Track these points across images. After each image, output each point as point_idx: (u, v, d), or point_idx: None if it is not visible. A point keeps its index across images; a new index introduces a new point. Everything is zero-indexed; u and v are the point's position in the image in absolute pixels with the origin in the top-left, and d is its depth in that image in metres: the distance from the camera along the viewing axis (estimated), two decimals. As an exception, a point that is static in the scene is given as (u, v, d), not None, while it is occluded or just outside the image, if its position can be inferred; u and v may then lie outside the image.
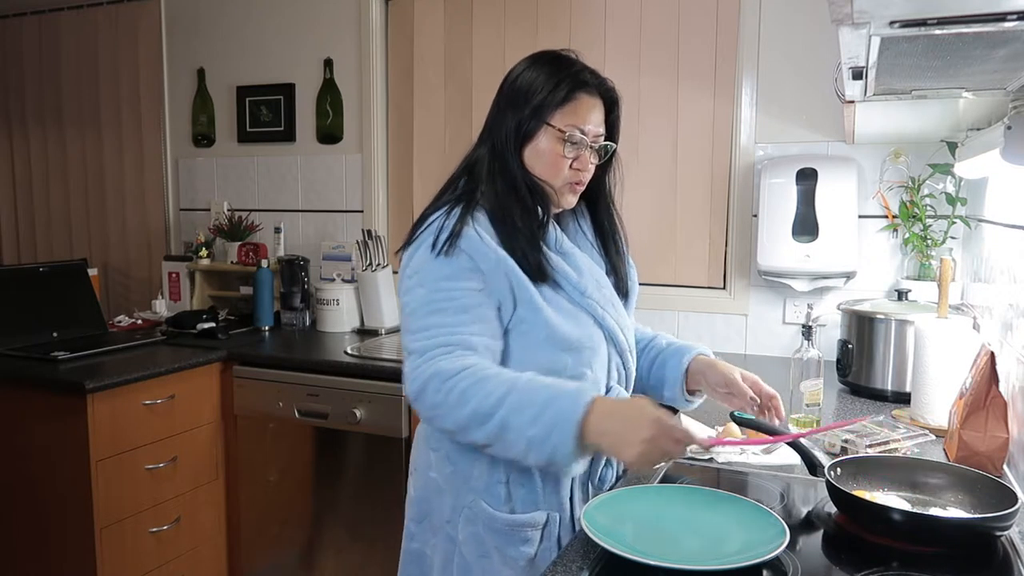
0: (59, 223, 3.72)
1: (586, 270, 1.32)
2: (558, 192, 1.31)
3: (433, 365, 1.16)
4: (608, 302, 1.33)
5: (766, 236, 2.37)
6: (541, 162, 1.29)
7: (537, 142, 1.28)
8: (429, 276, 1.22)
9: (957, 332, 1.66)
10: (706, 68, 2.59)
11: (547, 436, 1.08)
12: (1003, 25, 0.76)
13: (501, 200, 1.27)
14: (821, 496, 1.27)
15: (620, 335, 1.34)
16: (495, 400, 1.11)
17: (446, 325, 1.19)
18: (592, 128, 1.29)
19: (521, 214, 1.26)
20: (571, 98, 1.28)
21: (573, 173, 1.30)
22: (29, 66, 3.69)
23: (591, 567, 1.04)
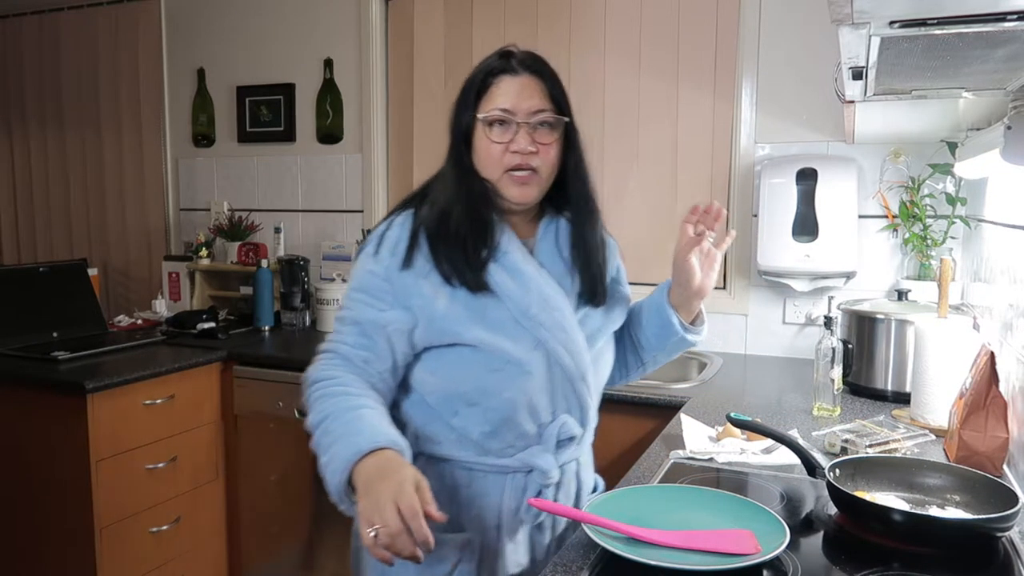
0: (59, 223, 3.72)
1: (535, 289, 1.21)
2: (501, 187, 1.23)
3: (311, 368, 1.19)
4: (557, 325, 1.21)
5: (766, 236, 2.37)
6: (479, 159, 1.24)
7: (474, 141, 1.24)
8: (351, 283, 1.25)
9: (957, 332, 1.66)
10: (706, 68, 2.59)
11: (328, 468, 1.09)
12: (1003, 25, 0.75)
13: (443, 208, 1.22)
14: (821, 496, 1.27)
15: (568, 360, 1.21)
16: (319, 419, 1.13)
17: (339, 333, 1.21)
18: (521, 105, 1.21)
19: (463, 222, 1.20)
20: (489, 83, 1.23)
21: (511, 157, 1.21)
22: (29, 66, 3.69)
23: (591, 567, 1.04)
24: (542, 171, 1.23)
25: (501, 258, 1.22)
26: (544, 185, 1.26)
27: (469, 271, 1.19)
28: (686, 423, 1.67)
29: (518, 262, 1.22)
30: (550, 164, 1.25)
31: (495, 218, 1.24)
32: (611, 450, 2.12)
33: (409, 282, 1.19)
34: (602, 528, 1.05)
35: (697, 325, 1.38)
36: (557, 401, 1.22)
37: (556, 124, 1.24)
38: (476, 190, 1.23)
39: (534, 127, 1.22)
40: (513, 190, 1.23)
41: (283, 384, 2.48)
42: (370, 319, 1.19)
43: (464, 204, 1.21)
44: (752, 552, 0.99)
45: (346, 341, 1.20)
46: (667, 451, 1.54)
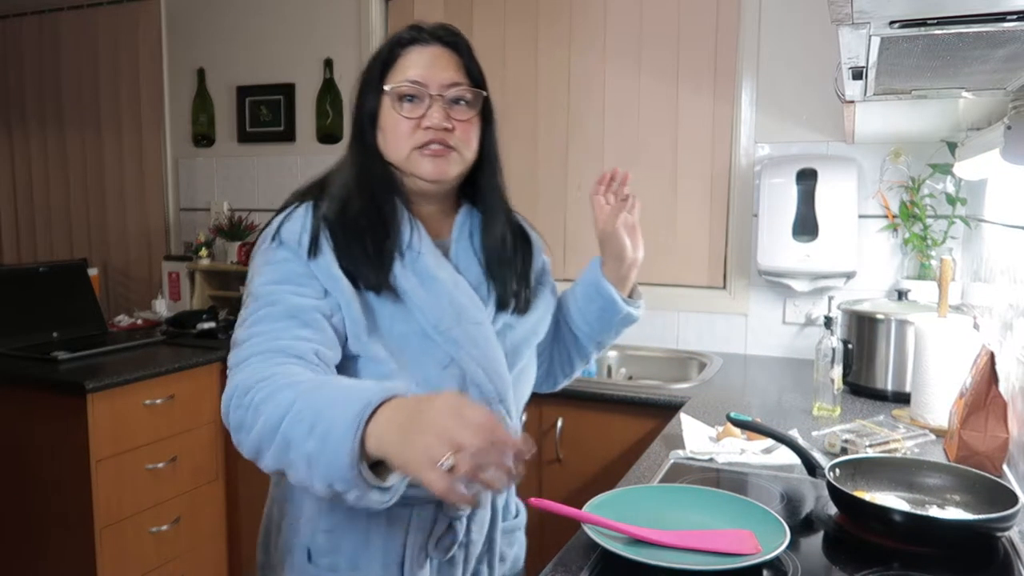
0: (59, 223, 3.72)
1: (448, 298, 1.07)
2: (410, 165, 1.08)
3: (237, 377, 0.93)
4: (472, 341, 1.06)
5: (766, 236, 2.37)
6: (386, 138, 1.10)
7: (381, 120, 1.10)
8: (259, 281, 1.03)
9: (957, 332, 1.66)
10: (706, 68, 2.59)
11: (322, 449, 0.80)
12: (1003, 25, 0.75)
13: (342, 196, 1.07)
14: (821, 496, 1.27)
15: (484, 380, 1.07)
16: (281, 412, 0.86)
17: (268, 332, 0.97)
18: (434, 76, 1.07)
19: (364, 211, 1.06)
20: (397, 55, 1.10)
21: (423, 134, 1.07)
22: (29, 66, 3.69)
23: (591, 567, 1.04)
24: (460, 150, 1.10)
25: (411, 260, 1.07)
26: (463, 166, 1.12)
27: (372, 270, 1.04)
28: (686, 423, 1.67)
29: (430, 266, 1.08)
30: (469, 144, 1.11)
31: (403, 211, 1.10)
32: (611, 450, 2.13)
33: (323, 272, 1.02)
34: (602, 528, 1.05)
35: (635, 299, 1.30)
36: None
37: (474, 100, 1.11)
38: (379, 174, 1.09)
39: (449, 102, 1.08)
40: (426, 165, 1.08)
41: (283, 384, 2.47)
42: (306, 306, 1.00)
43: (366, 191, 1.08)
44: (752, 552, 0.99)
45: (281, 336, 0.96)
46: (667, 451, 1.54)
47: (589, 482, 2.14)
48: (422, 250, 1.09)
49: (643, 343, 2.66)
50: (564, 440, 2.17)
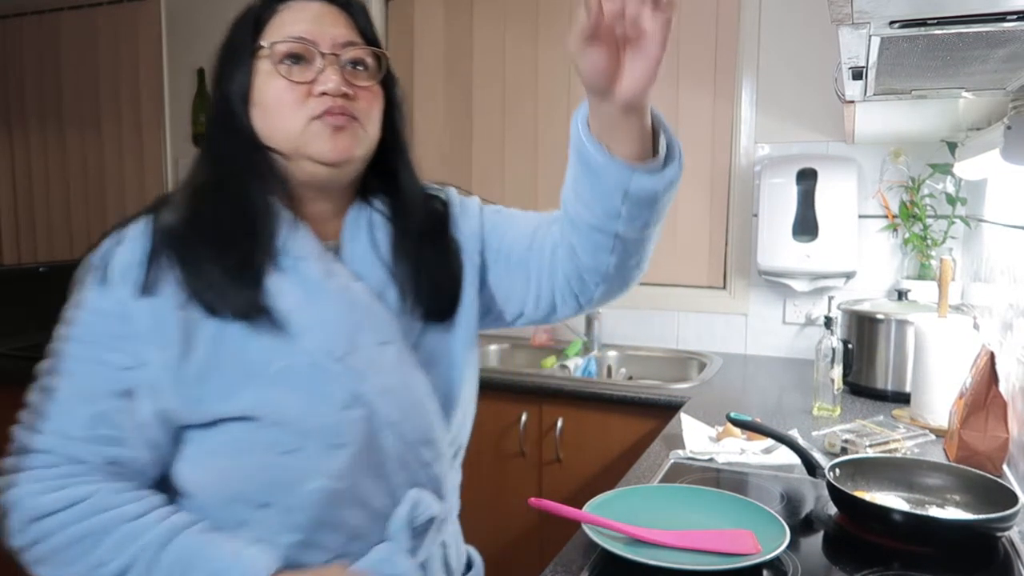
0: (59, 223, 3.72)
1: (339, 312, 0.85)
2: (305, 142, 0.85)
3: (20, 489, 0.79)
4: (376, 368, 0.84)
5: (766, 236, 2.37)
6: (268, 114, 0.86)
7: (256, 93, 0.86)
8: (65, 329, 0.84)
9: (957, 332, 1.66)
10: (706, 68, 2.59)
11: None
12: (1003, 25, 0.76)
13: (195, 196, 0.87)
14: (821, 496, 1.27)
15: (400, 417, 0.86)
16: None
17: (54, 418, 0.81)
18: (324, 33, 0.86)
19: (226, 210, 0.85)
20: (273, 11, 0.88)
21: (319, 101, 0.84)
22: (29, 66, 3.68)
23: (591, 567, 1.04)
24: (364, 124, 0.88)
25: (291, 270, 0.84)
26: (368, 145, 0.89)
27: (234, 291, 0.80)
28: (686, 423, 1.67)
29: (316, 275, 0.85)
30: (372, 117, 0.89)
31: (279, 208, 0.87)
32: (611, 450, 2.13)
33: (152, 319, 0.80)
34: (602, 528, 1.05)
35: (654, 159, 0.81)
36: (394, 476, 0.87)
37: (375, 67, 0.90)
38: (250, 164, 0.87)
39: (345, 66, 0.87)
40: (326, 142, 0.84)
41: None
42: (106, 390, 0.80)
43: (229, 187, 0.86)
44: (752, 552, 0.99)
45: (73, 433, 0.80)
46: (667, 451, 1.54)
47: (589, 482, 2.13)
48: (304, 255, 0.85)
49: (643, 343, 2.66)
50: (564, 440, 2.17)
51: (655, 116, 0.81)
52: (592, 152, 0.81)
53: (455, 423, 0.94)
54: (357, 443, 0.83)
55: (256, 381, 0.81)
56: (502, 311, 1.01)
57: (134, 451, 0.82)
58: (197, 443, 0.84)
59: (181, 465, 0.85)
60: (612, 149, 0.80)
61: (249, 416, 0.81)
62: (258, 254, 0.83)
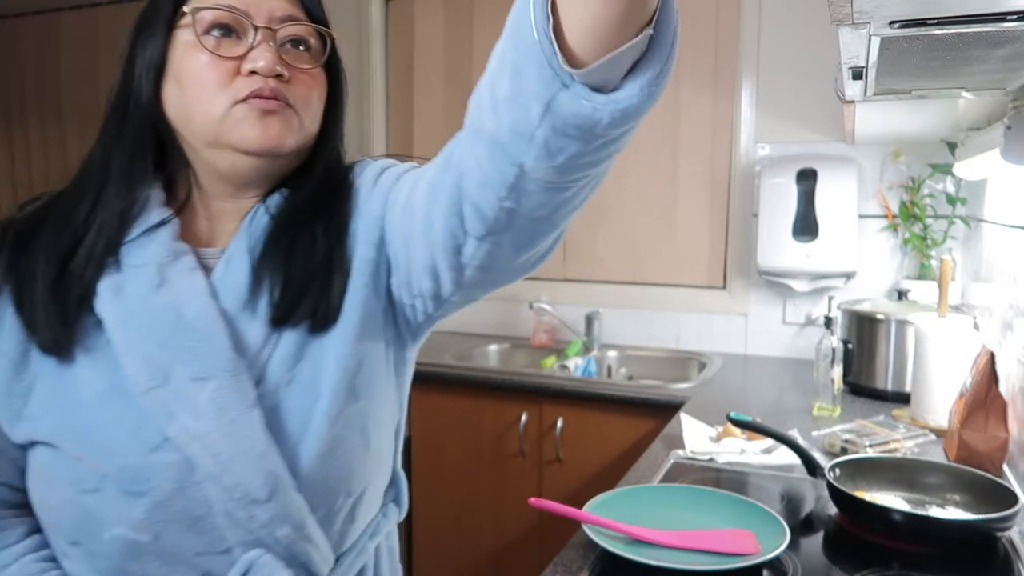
0: (59, 223, 3.72)
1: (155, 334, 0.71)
2: (227, 128, 0.72)
3: None
4: (187, 405, 0.69)
5: (766, 236, 2.37)
6: (184, 89, 0.73)
7: (171, 64, 0.74)
8: None
9: (957, 332, 1.66)
10: (706, 68, 2.59)
11: None
12: (1003, 25, 0.76)
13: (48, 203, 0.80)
14: (821, 496, 1.27)
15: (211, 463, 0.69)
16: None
17: None
18: (260, 4, 0.74)
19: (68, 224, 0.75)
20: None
21: (247, 81, 0.72)
22: (29, 66, 3.69)
23: (591, 567, 1.04)
24: (301, 112, 0.75)
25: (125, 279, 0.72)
26: (302, 137, 0.77)
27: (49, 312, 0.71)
28: (686, 423, 1.67)
29: (142, 289, 0.72)
30: (310, 106, 0.77)
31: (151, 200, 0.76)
32: (611, 450, 2.13)
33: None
34: (602, 528, 1.05)
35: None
36: (225, 532, 0.71)
37: (318, 48, 0.79)
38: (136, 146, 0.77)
39: (283, 44, 0.75)
40: (251, 128, 0.72)
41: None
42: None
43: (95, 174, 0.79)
44: (752, 552, 0.99)
45: None
46: (667, 451, 1.54)
47: (589, 482, 2.14)
48: (144, 263, 0.73)
49: (643, 343, 2.66)
50: (564, 440, 2.17)
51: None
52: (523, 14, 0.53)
53: (331, 470, 0.74)
54: (163, 492, 0.69)
55: (64, 404, 0.71)
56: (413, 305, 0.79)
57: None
58: (28, 463, 0.75)
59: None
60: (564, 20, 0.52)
61: (50, 443, 0.71)
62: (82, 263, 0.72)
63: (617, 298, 2.70)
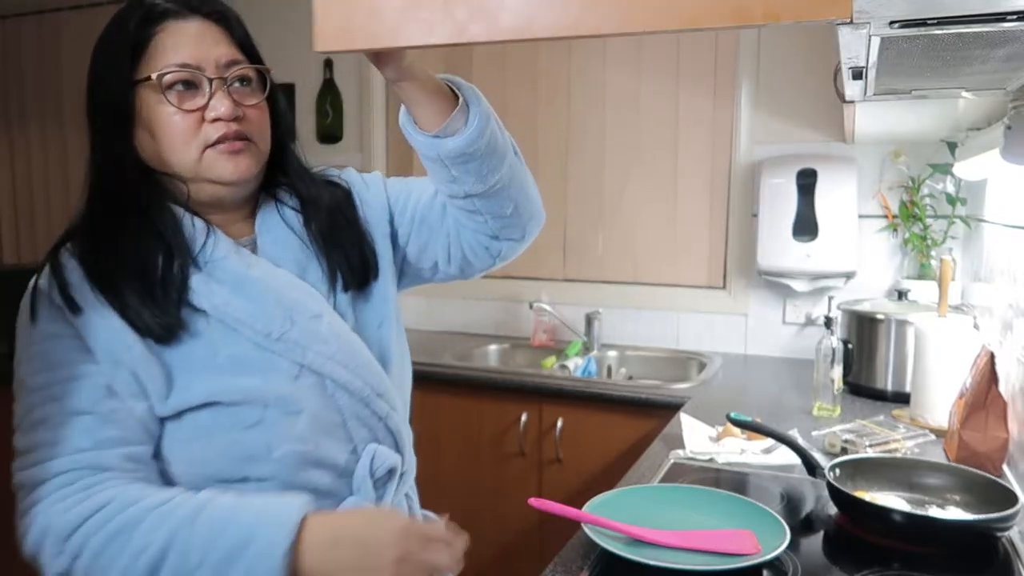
0: (59, 223, 3.70)
1: (268, 296, 0.91)
2: (204, 168, 0.89)
3: (45, 515, 0.79)
4: (319, 337, 0.91)
5: (766, 236, 2.37)
6: (160, 141, 0.88)
7: (142, 118, 0.88)
8: (26, 369, 0.85)
9: (957, 332, 1.66)
10: (706, 68, 2.59)
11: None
12: (1003, 25, 0.75)
13: (99, 231, 0.91)
14: (821, 496, 1.27)
15: (349, 376, 0.92)
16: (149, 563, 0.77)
17: (59, 443, 0.81)
18: (206, 55, 0.88)
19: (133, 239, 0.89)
20: (150, 35, 0.88)
21: (213, 127, 0.88)
22: (29, 66, 3.69)
23: (591, 567, 1.04)
24: (257, 142, 0.93)
25: (215, 269, 0.90)
26: (261, 159, 0.95)
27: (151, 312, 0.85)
28: (686, 423, 1.67)
29: (239, 269, 0.91)
30: (263, 133, 0.95)
31: (185, 216, 0.92)
32: (611, 450, 2.13)
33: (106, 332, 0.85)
34: (602, 528, 1.05)
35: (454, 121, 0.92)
36: (353, 433, 0.93)
37: (259, 82, 0.95)
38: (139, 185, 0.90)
39: (231, 84, 0.90)
40: (225, 165, 0.89)
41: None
42: (95, 398, 0.83)
43: (127, 210, 0.90)
44: (752, 552, 0.99)
45: (82, 446, 0.81)
46: (667, 451, 1.54)
47: (589, 482, 2.14)
48: (225, 254, 0.91)
49: (643, 343, 2.66)
50: (564, 440, 2.17)
51: (450, 81, 0.96)
52: (407, 134, 0.94)
53: (398, 370, 1.03)
54: (313, 407, 0.90)
55: (207, 373, 0.87)
56: (419, 268, 1.10)
57: (142, 445, 0.86)
58: (170, 435, 0.87)
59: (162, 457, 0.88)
60: (419, 122, 0.92)
61: (209, 402, 0.86)
62: (176, 268, 0.88)
63: (617, 298, 2.70)
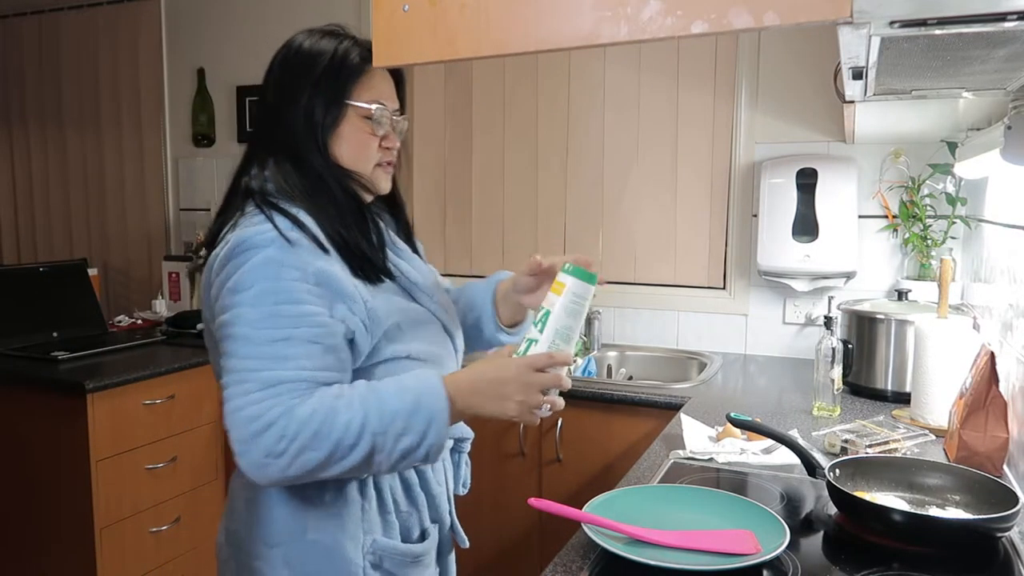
0: (59, 223, 3.72)
1: (423, 268, 1.23)
2: (371, 178, 1.17)
3: (282, 403, 0.99)
4: (445, 304, 1.23)
5: (766, 236, 2.37)
6: (348, 148, 1.15)
7: (340, 128, 1.14)
8: (265, 297, 1.02)
9: (957, 332, 1.66)
10: (706, 68, 2.59)
11: (422, 440, 1.01)
12: (1003, 25, 0.75)
13: (323, 203, 1.12)
14: (821, 496, 1.27)
15: (459, 338, 1.25)
16: (356, 431, 0.98)
17: (293, 358, 1.00)
18: (392, 102, 1.19)
19: (348, 215, 1.13)
20: (364, 70, 1.15)
21: (384, 152, 1.17)
22: (29, 66, 3.69)
23: (591, 567, 1.04)
24: (394, 162, 1.22)
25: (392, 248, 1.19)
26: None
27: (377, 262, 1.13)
28: (686, 423, 1.67)
29: (407, 251, 1.22)
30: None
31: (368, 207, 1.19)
32: (611, 450, 2.13)
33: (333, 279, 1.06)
34: (602, 528, 1.05)
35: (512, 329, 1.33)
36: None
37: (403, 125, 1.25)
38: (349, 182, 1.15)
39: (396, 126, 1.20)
40: (384, 180, 1.20)
41: (283, 384, 2.47)
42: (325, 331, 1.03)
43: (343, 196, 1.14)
44: (752, 552, 0.99)
45: (310, 366, 1.01)
46: (667, 451, 1.54)
47: (589, 482, 2.14)
48: (390, 235, 1.22)
49: (643, 343, 2.66)
50: (564, 440, 2.17)
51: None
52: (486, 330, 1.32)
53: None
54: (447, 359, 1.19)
55: (410, 333, 1.13)
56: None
57: (344, 373, 1.06)
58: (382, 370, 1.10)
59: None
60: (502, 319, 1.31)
61: (407, 356, 1.12)
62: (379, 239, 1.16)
63: (617, 298, 2.70)
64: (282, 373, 1.00)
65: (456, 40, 0.80)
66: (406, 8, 0.85)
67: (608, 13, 0.72)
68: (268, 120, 1.17)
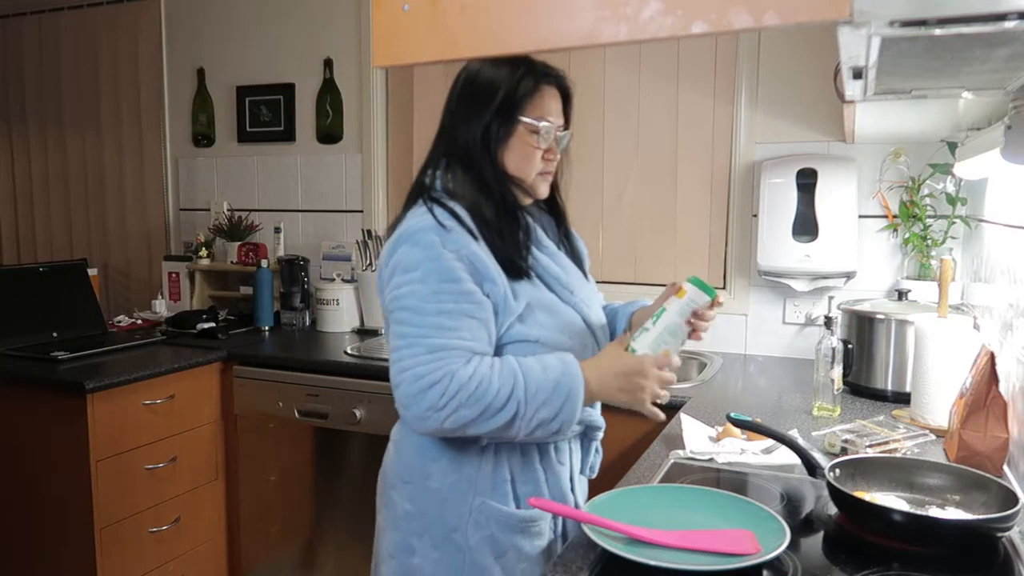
0: (59, 223, 3.72)
1: (570, 267, 1.36)
2: (532, 185, 1.32)
3: (445, 366, 1.15)
4: (589, 301, 1.36)
5: (766, 236, 2.37)
6: (514, 158, 1.30)
7: (510, 141, 1.29)
8: (431, 275, 1.20)
9: (957, 332, 1.66)
10: (706, 68, 2.59)
11: (557, 414, 1.17)
12: (1003, 25, 0.75)
13: (481, 202, 1.27)
14: (821, 496, 1.27)
15: (600, 334, 1.37)
16: (504, 397, 1.15)
17: (454, 330, 1.18)
18: (558, 119, 1.32)
19: (501, 215, 1.27)
20: (537, 90, 1.29)
21: (545, 163, 1.32)
22: (29, 66, 3.69)
23: (591, 567, 1.04)
24: (553, 172, 1.37)
25: (542, 249, 1.33)
26: None
27: (522, 258, 1.27)
28: (686, 423, 1.67)
29: (549, 244, 1.35)
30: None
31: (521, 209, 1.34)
32: (611, 450, 2.12)
33: (483, 265, 1.22)
34: (602, 528, 1.05)
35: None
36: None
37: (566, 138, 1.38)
38: (512, 188, 1.31)
39: (559, 140, 1.34)
40: (542, 188, 1.34)
41: (283, 384, 2.48)
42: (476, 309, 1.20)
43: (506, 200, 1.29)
44: (752, 552, 0.99)
45: (465, 336, 1.19)
46: (667, 451, 1.54)
47: (589, 482, 2.13)
48: (539, 234, 1.34)
49: (643, 343, 2.66)
50: (564, 440, 2.16)
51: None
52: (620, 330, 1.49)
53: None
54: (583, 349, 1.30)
55: (542, 319, 1.26)
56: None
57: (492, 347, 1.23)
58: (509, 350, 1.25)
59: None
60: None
61: (536, 340, 1.25)
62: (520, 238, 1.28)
63: (617, 298, 2.69)
64: (446, 341, 1.16)
65: (456, 40, 0.81)
66: (406, 8, 0.85)
67: (608, 13, 0.72)
68: (451, 129, 1.33)
